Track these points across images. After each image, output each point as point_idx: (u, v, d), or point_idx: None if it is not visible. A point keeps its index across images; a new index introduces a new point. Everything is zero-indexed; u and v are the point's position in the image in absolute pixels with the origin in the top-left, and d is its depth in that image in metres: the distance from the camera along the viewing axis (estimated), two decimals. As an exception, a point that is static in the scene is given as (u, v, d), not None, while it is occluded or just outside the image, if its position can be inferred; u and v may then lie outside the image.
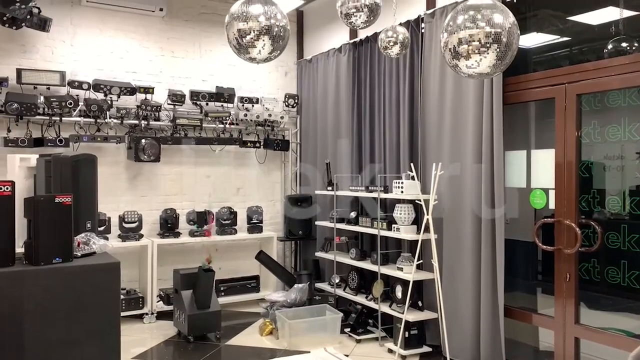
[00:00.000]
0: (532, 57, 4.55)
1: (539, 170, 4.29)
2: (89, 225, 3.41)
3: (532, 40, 4.56)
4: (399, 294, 4.70)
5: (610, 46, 4.08)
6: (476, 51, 2.43)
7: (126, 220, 5.60)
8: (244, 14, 2.87)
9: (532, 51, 4.56)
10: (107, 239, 5.39)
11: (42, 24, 5.12)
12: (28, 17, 4.92)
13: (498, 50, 2.42)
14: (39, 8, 5.05)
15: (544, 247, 3.99)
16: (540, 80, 4.04)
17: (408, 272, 4.59)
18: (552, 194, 3.99)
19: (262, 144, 6.50)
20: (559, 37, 4.56)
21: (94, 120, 5.48)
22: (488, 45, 2.41)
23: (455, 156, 4.44)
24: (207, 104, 6.17)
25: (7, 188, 2.60)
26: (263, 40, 2.88)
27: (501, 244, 4.05)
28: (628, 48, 3.96)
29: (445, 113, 4.55)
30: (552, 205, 4.00)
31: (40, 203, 2.74)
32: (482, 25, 2.39)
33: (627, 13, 3.93)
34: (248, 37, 2.88)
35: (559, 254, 3.90)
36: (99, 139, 5.47)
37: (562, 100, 3.87)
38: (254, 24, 2.85)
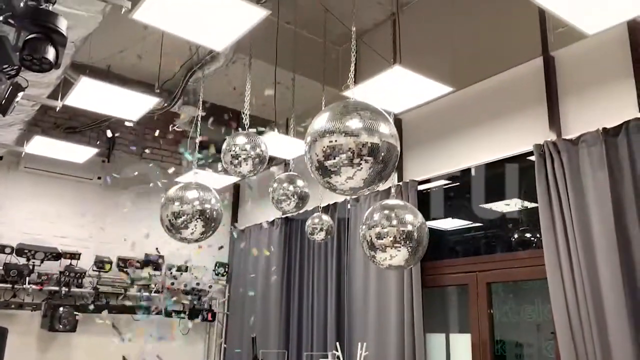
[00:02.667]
0: (449, 242, 4.92)
1: (459, 354, 4.41)
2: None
3: (449, 224, 4.97)
4: None
5: (516, 236, 4.52)
6: (390, 246, 2.67)
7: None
8: (180, 197, 3.07)
9: (448, 235, 4.95)
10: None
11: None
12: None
13: (410, 246, 2.69)
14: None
15: None
16: (455, 267, 4.37)
17: None
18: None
19: (187, 314, 6.33)
20: (471, 223, 4.99)
21: (11, 285, 5.24)
22: (401, 241, 2.67)
23: (380, 337, 4.51)
24: (134, 271, 6.08)
25: None
26: (195, 223, 3.05)
27: None
28: (532, 239, 4.38)
29: (370, 293, 4.71)
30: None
31: None
32: (394, 224, 2.68)
33: (529, 204, 4.38)
34: (181, 219, 3.04)
35: None
36: (12, 305, 5.18)
37: (474, 287, 4.16)
38: (187, 207, 3.04)
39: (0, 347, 3.19)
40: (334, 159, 2.01)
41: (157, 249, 6.23)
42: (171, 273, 6.30)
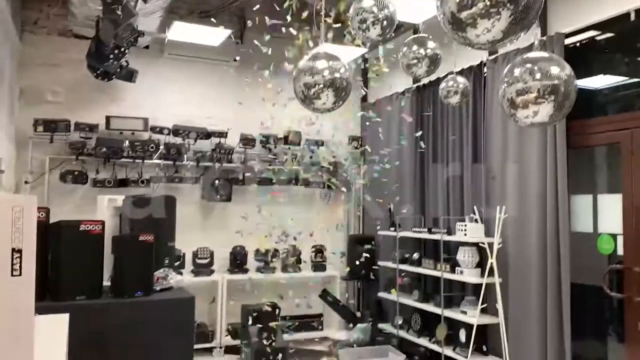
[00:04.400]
0: (599, 100, 4.50)
1: (606, 215, 4.20)
2: (167, 261, 3.69)
3: (599, 82, 4.52)
4: (462, 338, 4.66)
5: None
6: (533, 102, 2.50)
7: (199, 256, 5.92)
8: (311, 68, 3.11)
9: (599, 93, 4.51)
10: (181, 274, 5.74)
11: (129, 76, 5.64)
12: (117, 70, 5.44)
13: (555, 101, 2.50)
14: (127, 61, 5.57)
15: (613, 294, 3.88)
16: (605, 125, 4.01)
17: (472, 315, 4.56)
18: (620, 239, 3.89)
19: (326, 184, 6.70)
20: (627, 78, 4.49)
21: (172, 162, 5.91)
22: (545, 96, 2.49)
23: (520, 199, 4.44)
24: (275, 147, 6.47)
25: (98, 227, 2.90)
26: (327, 93, 3.10)
27: (567, 289, 3.98)
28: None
29: (509, 156, 4.57)
30: (620, 251, 3.90)
31: (126, 241, 3.03)
32: (538, 77, 2.48)
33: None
34: (313, 90, 3.11)
35: (629, 302, 3.78)
36: (176, 179, 5.87)
37: (628, 145, 3.82)
38: (319, 78, 3.09)
39: (172, 211, 3.66)
40: (470, 9, 1.86)
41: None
42: (309, 148, 6.61)
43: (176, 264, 5.59)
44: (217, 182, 5.93)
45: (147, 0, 3.75)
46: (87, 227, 2.81)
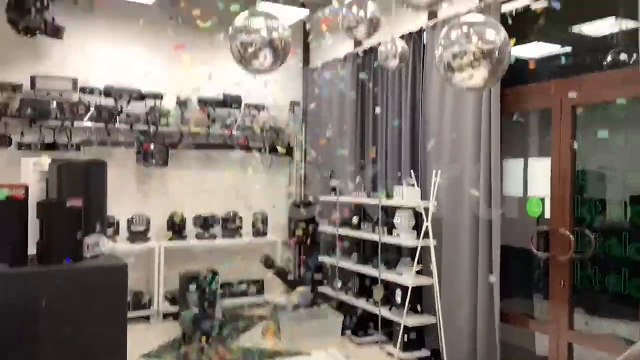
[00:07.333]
0: (531, 68, 4.62)
1: (536, 179, 4.38)
2: (98, 227, 3.54)
3: (532, 50, 4.64)
4: (398, 299, 4.80)
5: (609, 58, 4.16)
6: (469, 65, 2.53)
7: (134, 223, 5.75)
8: (247, 27, 3.00)
9: (531, 62, 4.63)
10: (115, 241, 5.57)
11: (56, 32, 5.29)
12: (42, 25, 5.09)
13: (490, 64, 2.53)
14: (53, 17, 5.21)
15: (539, 253, 4.09)
16: (537, 92, 4.14)
17: (407, 277, 4.69)
18: (548, 202, 4.08)
19: (267, 149, 6.62)
20: (559, 47, 4.64)
21: (104, 125, 5.64)
22: (480, 60, 2.52)
23: (454, 162, 4.54)
24: (214, 110, 6.30)
25: (21, 192, 2.73)
26: (265, 53, 3.01)
27: (497, 251, 4.15)
28: (626, 60, 4.03)
29: (445, 121, 4.66)
30: (548, 214, 4.09)
31: (52, 206, 2.88)
32: (474, 41, 2.50)
33: (628, 24, 3.99)
34: (250, 50, 3.01)
35: (554, 261, 3.99)
36: (109, 143, 5.62)
37: (557, 110, 3.97)
38: (256, 37, 2.98)
39: (102, 176, 3.49)
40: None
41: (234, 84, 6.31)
42: (249, 112, 6.48)
43: (109, 230, 5.43)
44: (152, 146, 5.72)
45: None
46: (8, 191, 2.64)
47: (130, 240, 5.70)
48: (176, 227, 5.97)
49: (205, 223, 6.11)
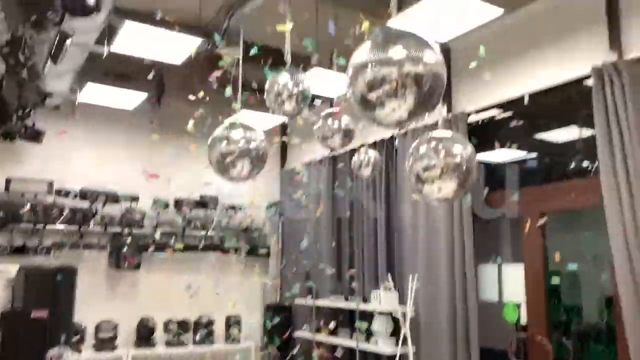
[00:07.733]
0: (501, 173, 4.79)
1: (511, 284, 4.40)
2: (63, 338, 3.40)
3: (502, 156, 4.83)
4: (377, 411, 4.59)
5: (572, 165, 4.36)
6: (438, 179, 2.62)
7: (102, 330, 5.49)
8: (226, 137, 3.10)
9: (501, 167, 4.82)
10: (80, 351, 5.28)
11: (36, 136, 5.35)
12: (22, 130, 5.16)
13: (458, 178, 2.63)
14: (33, 122, 5.30)
15: (519, 361, 4.02)
16: (508, 198, 4.28)
17: (386, 386, 4.51)
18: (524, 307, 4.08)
19: (243, 251, 6.55)
20: (526, 153, 4.84)
21: (77, 227, 5.56)
22: (448, 173, 2.61)
23: (430, 268, 4.55)
24: (190, 212, 6.29)
25: (-16, 303, 2.64)
26: (242, 162, 3.09)
27: (476, 355, 4.06)
28: (589, 168, 4.21)
29: (419, 226, 4.72)
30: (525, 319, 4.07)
31: (16, 318, 2.77)
32: (442, 155, 2.61)
33: (587, 132, 4.19)
34: (229, 159, 3.08)
35: (534, 370, 3.92)
36: (81, 246, 5.52)
37: (527, 217, 4.08)
38: (234, 147, 3.07)
39: (71, 283, 3.42)
40: (378, 90, 1.95)
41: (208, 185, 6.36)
42: (226, 212, 6.49)
43: (75, 339, 5.17)
44: (125, 249, 5.63)
45: (56, 61, 3.63)
46: (-30, 303, 2.54)
47: (96, 349, 5.42)
48: (146, 334, 5.72)
49: (176, 329, 5.87)
